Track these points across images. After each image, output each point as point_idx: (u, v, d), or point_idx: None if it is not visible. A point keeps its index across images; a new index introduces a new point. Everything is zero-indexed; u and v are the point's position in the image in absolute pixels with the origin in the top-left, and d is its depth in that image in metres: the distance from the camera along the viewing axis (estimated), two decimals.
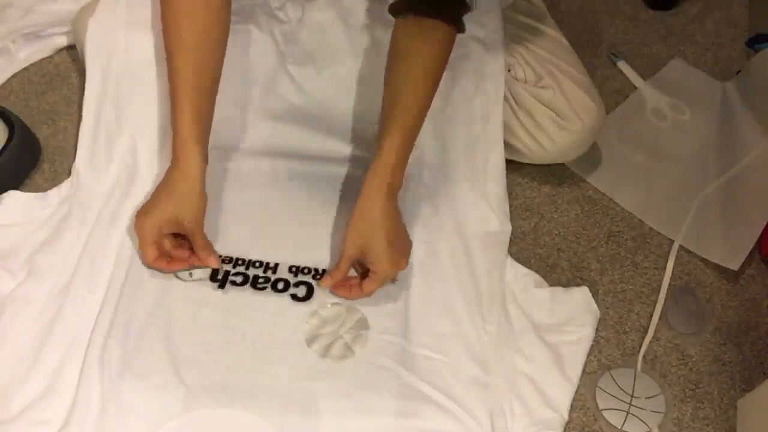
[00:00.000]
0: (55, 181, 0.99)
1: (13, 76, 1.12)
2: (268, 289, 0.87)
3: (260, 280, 0.88)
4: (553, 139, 1.00)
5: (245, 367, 0.82)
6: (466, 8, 0.86)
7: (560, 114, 0.99)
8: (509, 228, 0.97)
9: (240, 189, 0.97)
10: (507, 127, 1.01)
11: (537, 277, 0.95)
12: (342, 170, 1.00)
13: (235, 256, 0.90)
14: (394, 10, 0.86)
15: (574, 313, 0.92)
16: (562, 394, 0.85)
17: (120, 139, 0.98)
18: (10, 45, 1.12)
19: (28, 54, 1.13)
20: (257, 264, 0.89)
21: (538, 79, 1.02)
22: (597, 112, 1.00)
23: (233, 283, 0.87)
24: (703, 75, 1.25)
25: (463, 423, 0.80)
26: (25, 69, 1.13)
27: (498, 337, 0.87)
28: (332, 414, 0.79)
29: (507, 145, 1.02)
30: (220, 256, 0.88)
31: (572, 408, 0.85)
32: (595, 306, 0.92)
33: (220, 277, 0.87)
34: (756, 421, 0.84)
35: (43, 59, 1.15)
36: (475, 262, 0.93)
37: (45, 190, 0.96)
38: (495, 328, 0.88)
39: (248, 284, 0.87)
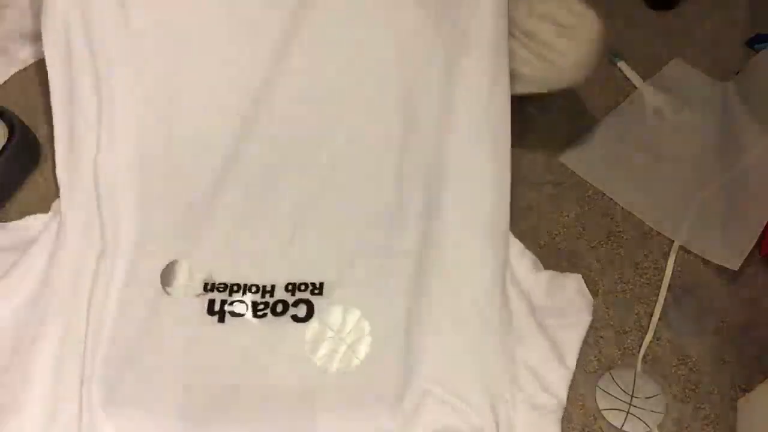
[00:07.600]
0: (55, 180, 0.99)
1: (13, 76, 1.12)
2: (269, 315, 0.85)
3: (260, 306, 0.86)
4: (563, 53, 0.95)
5: (245, 369, 0.82)
6: None
7: (563, 24, 0.94)
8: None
9: (232, 188, 0.94)
10: (513, 56, 0.96)
11: (533, 257, 0.95)
12: (339, 170, 0.99)
13: (227, 267, 0.87)
14: None
15: (570, 299, 0.92)
16: (559, 379, 0.85)
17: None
18: (9, 45, 1.12)
19: (28, 54, 1.13)
20: (254, 289, 0.87)
21: None
22: (596, 17, 0.95)
23: (232, 314, 0.85)
24: (703, 75, 1.25)
25: (464, 414, 0.80)
26: (25, 69, 1.13)
27: (499, 327, 0.87)
28: (332, 414, 0.79)
29: (518, 76, 0.96)
30: (213, 284, 0.86)
31: (572, 408, 0.85)
32: (588, 293, 0.93)
33: (217, 309, 0.85)
34: (756, 421, 0.84)
35: (43, 59, 1.13)
36: None
37: (45, 190, 0.96)
38: (497, 318, 0.88)
39: (248, 313, 0.85)
